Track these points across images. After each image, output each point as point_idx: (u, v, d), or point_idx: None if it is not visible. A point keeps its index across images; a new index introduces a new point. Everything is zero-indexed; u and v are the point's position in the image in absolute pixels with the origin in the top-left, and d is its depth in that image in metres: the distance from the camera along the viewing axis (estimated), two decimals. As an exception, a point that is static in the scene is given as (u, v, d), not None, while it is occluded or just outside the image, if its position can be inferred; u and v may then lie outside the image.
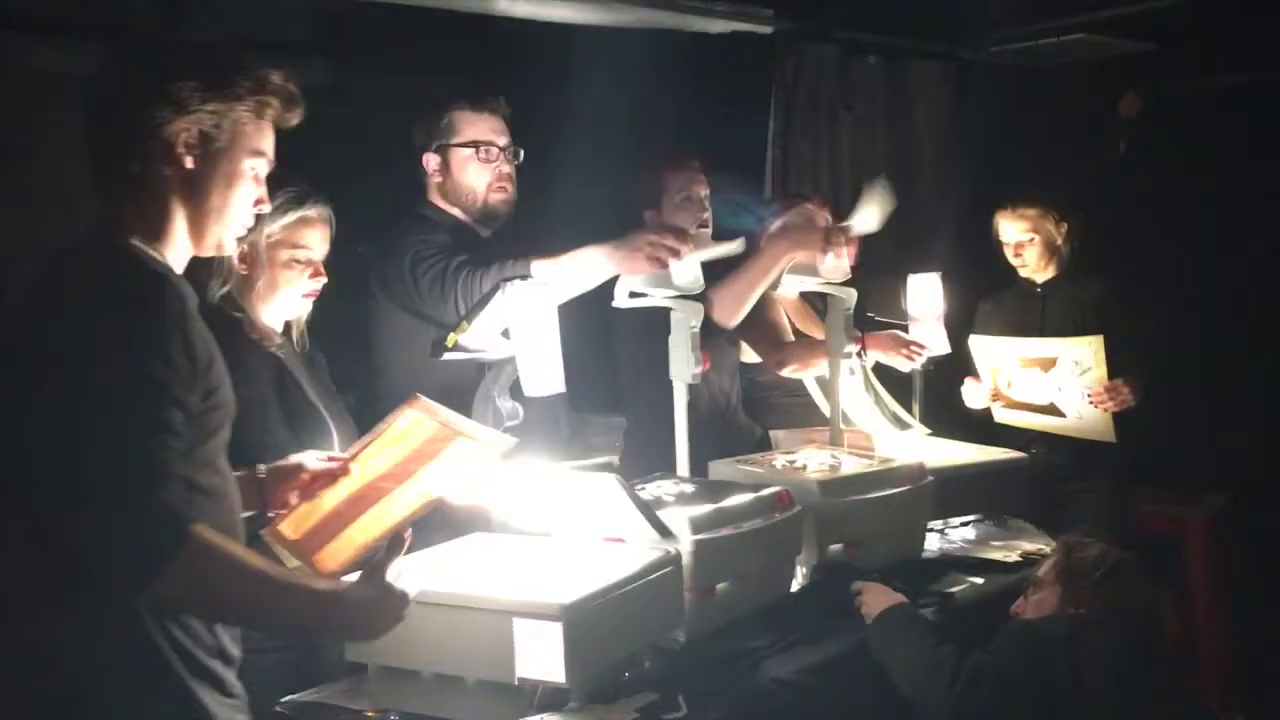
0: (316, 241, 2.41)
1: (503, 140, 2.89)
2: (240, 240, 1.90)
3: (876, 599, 2.45)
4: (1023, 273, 3.92)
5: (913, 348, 3.53)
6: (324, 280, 2.43)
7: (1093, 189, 4.54)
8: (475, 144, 2.85)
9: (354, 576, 1.79)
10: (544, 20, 3.63)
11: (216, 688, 1.65)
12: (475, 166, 2.85)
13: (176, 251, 1.71)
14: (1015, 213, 3.90)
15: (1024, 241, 3.88)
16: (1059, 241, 3.88)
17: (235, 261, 2.29)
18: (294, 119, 1.75)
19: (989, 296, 4.07)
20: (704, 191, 3.31)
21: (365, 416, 2.63)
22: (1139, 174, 4.93)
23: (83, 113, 1.68)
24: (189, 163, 1.66)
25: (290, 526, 2.02)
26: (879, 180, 3.08)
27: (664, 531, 2.18)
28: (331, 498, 2.01)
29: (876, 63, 4.57)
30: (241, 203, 1.74)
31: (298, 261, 2.39)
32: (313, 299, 2.45)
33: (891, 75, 4.64)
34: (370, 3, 3.25)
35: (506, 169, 2.89)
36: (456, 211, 2.89)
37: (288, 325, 2.48)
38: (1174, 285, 4.55)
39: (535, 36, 3.66)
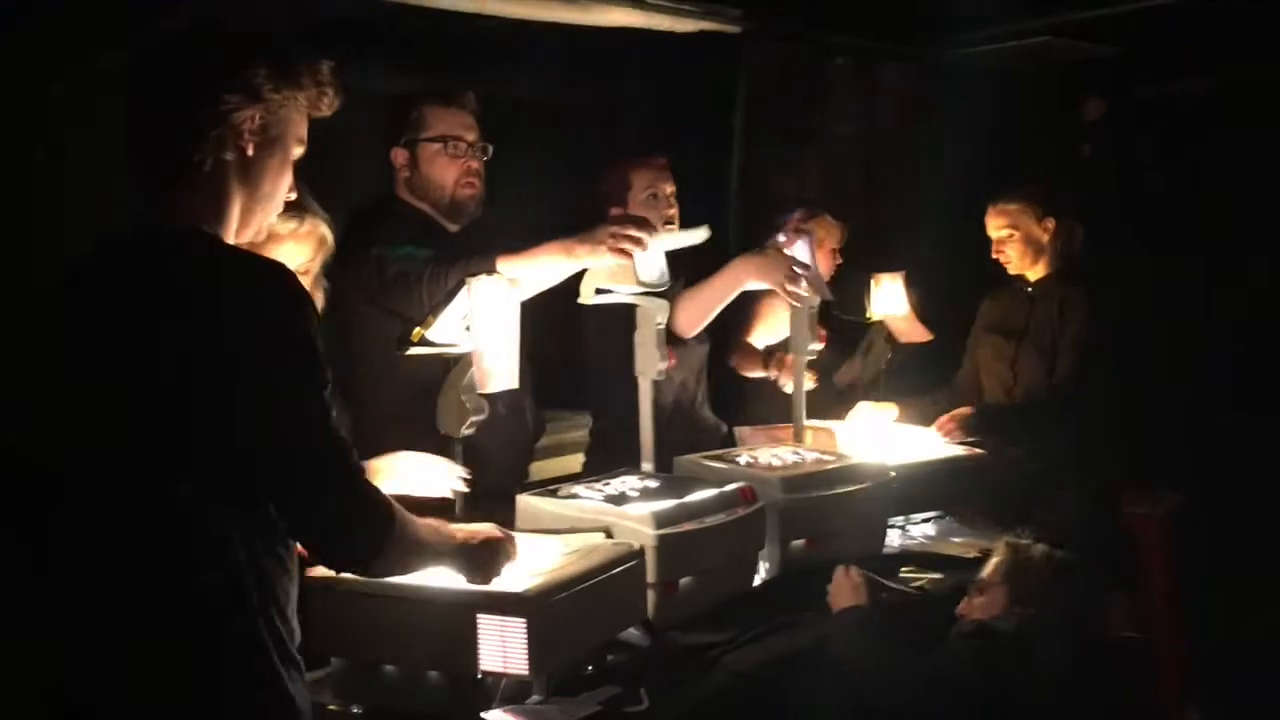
0: (284, 257, 2.30)
1: (471, 135, 2.89)
2: None
3: (842, 594, 2.48)
4: (1008, 270, 3.82)
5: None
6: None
7: (1057, 191, 4.58)
8: (444, 139, 2.86)
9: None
10: (513, 18, 3.63)
11: (298, 673, 1.67)
12: (444, 161, 2.86)
13: (230, 237, 1.71)
14: (997, 208, 3.80)
15: (1004, 238, 3.78)
16: (1044, 239, 3.75)
17: None
18: (330, 112, 1.76)
19: (990, 293, 3.97)
20: (669, 188, 3.32)
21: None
22: (1102, 177, 4.99)
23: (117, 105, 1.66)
24: (250, 150, 1.66)
25: None
26: None
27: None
28: None
29: (844, 63, 4.60)
30: (283, 189, 1.75)
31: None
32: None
33: (859, 76, 4.67)
34: (338, -1, 3.25)
35: (475, 164, 2.89)
36: (424, 206, 2.90)
37: None
38: (1135, 287, 4.60)
39: (504, 34, 3.66)
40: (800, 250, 3.09)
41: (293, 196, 1.78)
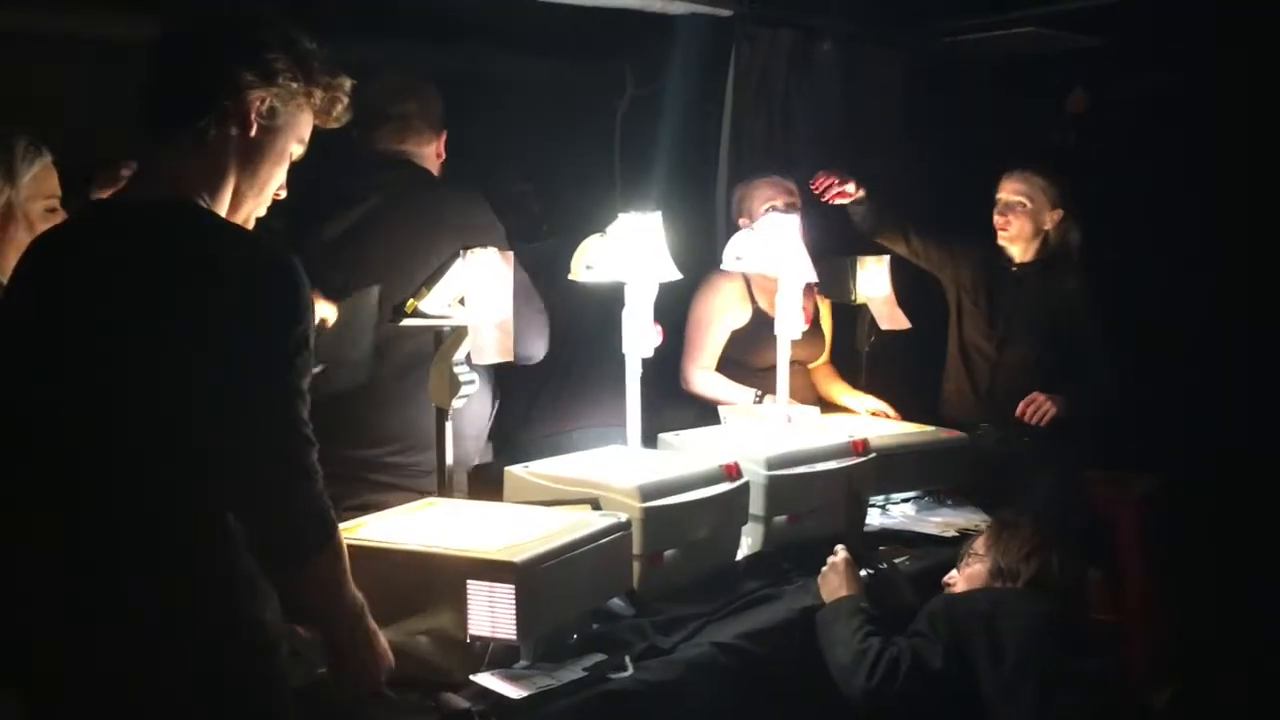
0: (58, 187, 2.29)
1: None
2: None
3: (831, 585, 2.51)
4: (1001, 238, 3.84)
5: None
6: None
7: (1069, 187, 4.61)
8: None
9: None
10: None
11: (277, 645, 1.69)
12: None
13: (223, 209, 1.73)
14: (1022, 174, 3.82)
15: (1016, 204, 3.79)
16: (1046, 225, 3.81)
17: None
18: (337, 124, 1.80)
19: (968, 249, 3.97)
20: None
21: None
22: (1084, 169, 5.04)
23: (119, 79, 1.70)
24: (253, 131, 1.70)
25: None
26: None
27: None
28: None
29: (830, 49, 4.63)
30: (276, 182, 1.78)
31: (52, 211, 2.27)
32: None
33: (845, 62, 4.70)
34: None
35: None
36: None
37: None
38: (1116, 277, 4.65)
39: (496, 12, 3.68)
40: (789, 227, 3.12)
41: (283, 195, 1.81)
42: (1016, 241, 3.84)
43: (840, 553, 2.55)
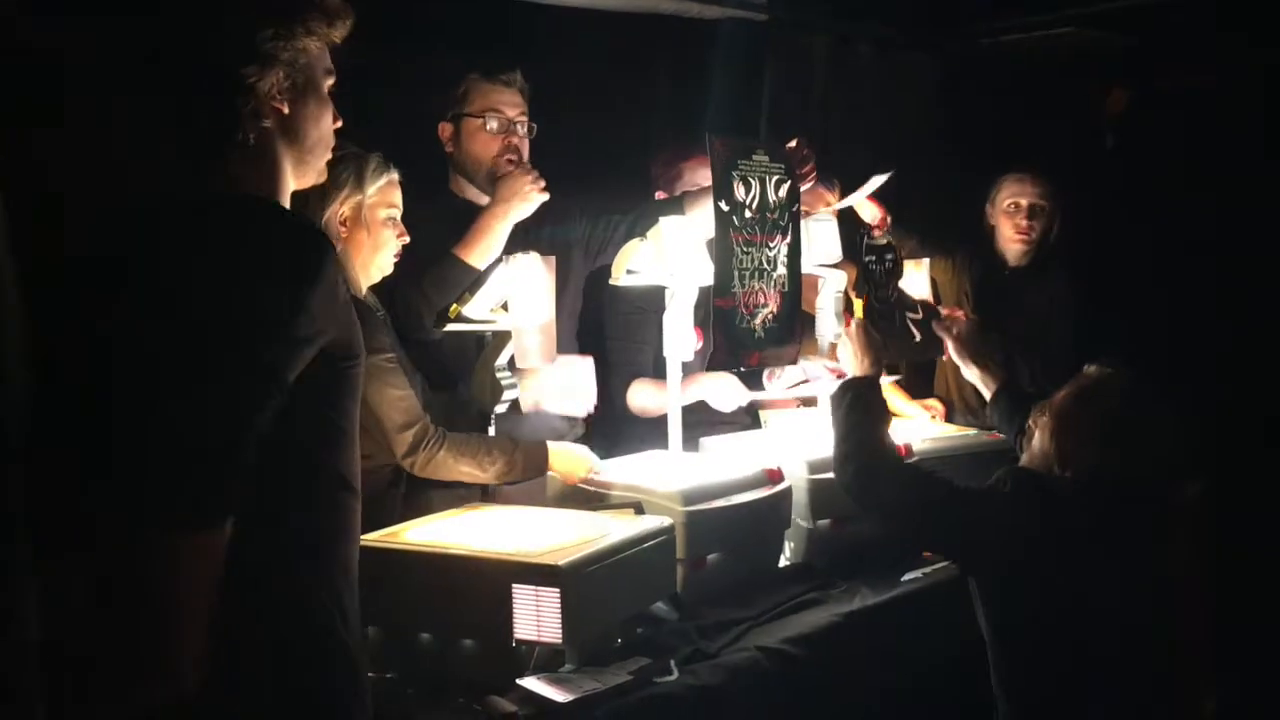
0: (400, 201, 2.47)
1: (514, 111, 2.89)
2: (341, 204, 2.26)
3: (844, 356, 2.54)
4: (1020, 243, 3.79)
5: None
6: (407, 239, 2.47)
7: (1078, 182, 4.59)
8: (485, 112, 2.86)
9: None
10: (540, 2, 3.65)
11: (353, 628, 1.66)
12: (485, 137, 2.86)
13: (286, 196, 1.70)
14: (1035, 177, 3.79)
15: (1039, 208, 3.75)
16: (1054, 226, 3.80)
17: (337, 225, 2.35)
18: (346, 33, 1.71)
19: (979, 264, 3.90)
20: None
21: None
22: (1124, 168, 4.99)
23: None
24: (286, 108, 1.65)
25: None
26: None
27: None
28: None
29: (867, 52, 4.61)
30: (328, 123, 1.73)
31: (392, 220, 2.44)
32: (398, 260, 2.50)
33: (881, 65, 4.69)
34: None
35: (516, 140, 2.89)
36: (469, 192, 2.91)
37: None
38: (1155, 280, 4.61)
39: (531, 17, 3.68)
40: (829, 232, 3.11)
41: (339, 124, 1.77)
42: (1033, 245, 3.80)
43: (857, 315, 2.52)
